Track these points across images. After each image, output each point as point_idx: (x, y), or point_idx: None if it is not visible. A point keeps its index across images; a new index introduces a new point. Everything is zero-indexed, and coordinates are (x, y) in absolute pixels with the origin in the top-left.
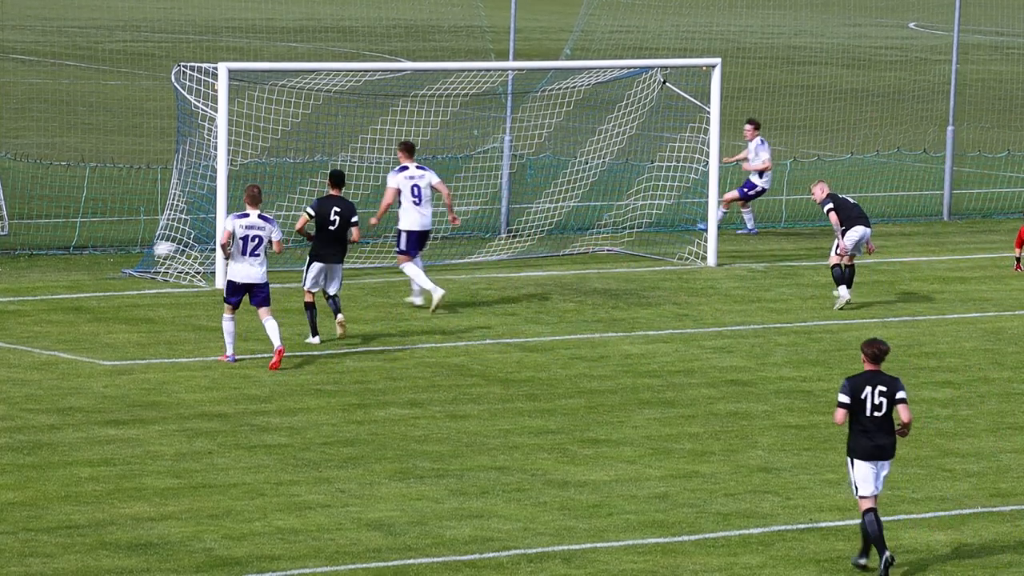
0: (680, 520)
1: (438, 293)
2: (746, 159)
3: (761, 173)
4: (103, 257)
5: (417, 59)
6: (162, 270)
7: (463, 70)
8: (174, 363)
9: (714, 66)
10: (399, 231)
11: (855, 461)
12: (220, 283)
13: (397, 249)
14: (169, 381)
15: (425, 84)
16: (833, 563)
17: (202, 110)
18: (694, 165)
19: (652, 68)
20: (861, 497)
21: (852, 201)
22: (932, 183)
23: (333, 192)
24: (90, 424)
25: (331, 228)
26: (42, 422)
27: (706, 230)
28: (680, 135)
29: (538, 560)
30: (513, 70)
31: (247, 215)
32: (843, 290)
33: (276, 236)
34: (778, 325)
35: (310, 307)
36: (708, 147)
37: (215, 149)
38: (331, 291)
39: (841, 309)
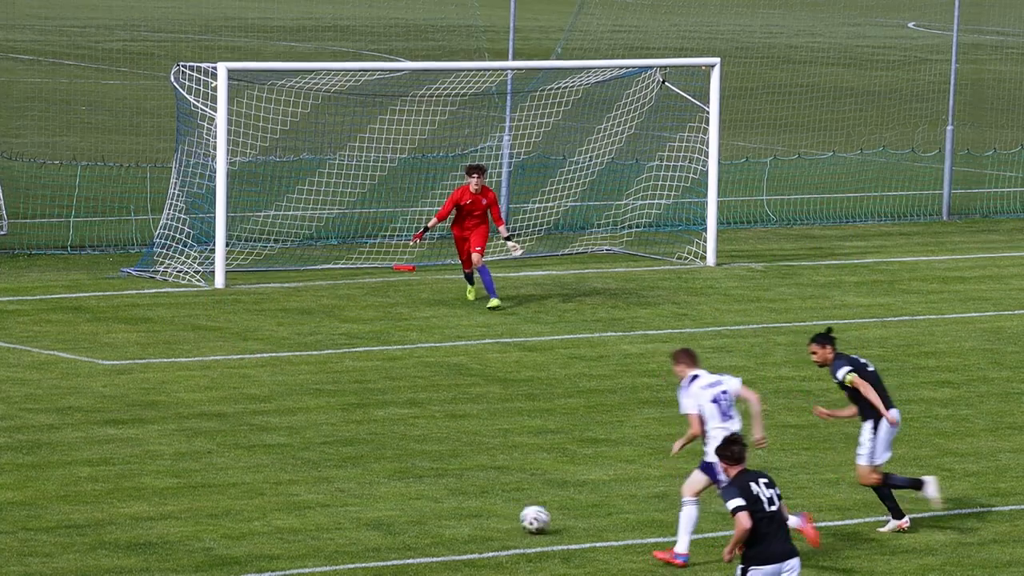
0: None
1: None
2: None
3: None
4: (102, 257)
5: (415, 58)
6: (161, 269)
7: (462, 70)
8: (173, 363)
9: (713, 66)
10: None
11: (752, 569)
12: (220, 283)
13: None
14: (168, 381)
15: (424, 84)
16: (833, 563)
17: (201, 110)
18: (693, 165)
19: (651, 68)
20: None
21: None
22: (932, 183)
23: None
24: (89, 424)
25: None
26: (41, 422)
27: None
28: (679, 135)
29: (537, 560)
30: (512, 69)
31: None
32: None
33: None
34: (777, 325)
35: None
36: (707, 147)
37: (214, 148)
38: None
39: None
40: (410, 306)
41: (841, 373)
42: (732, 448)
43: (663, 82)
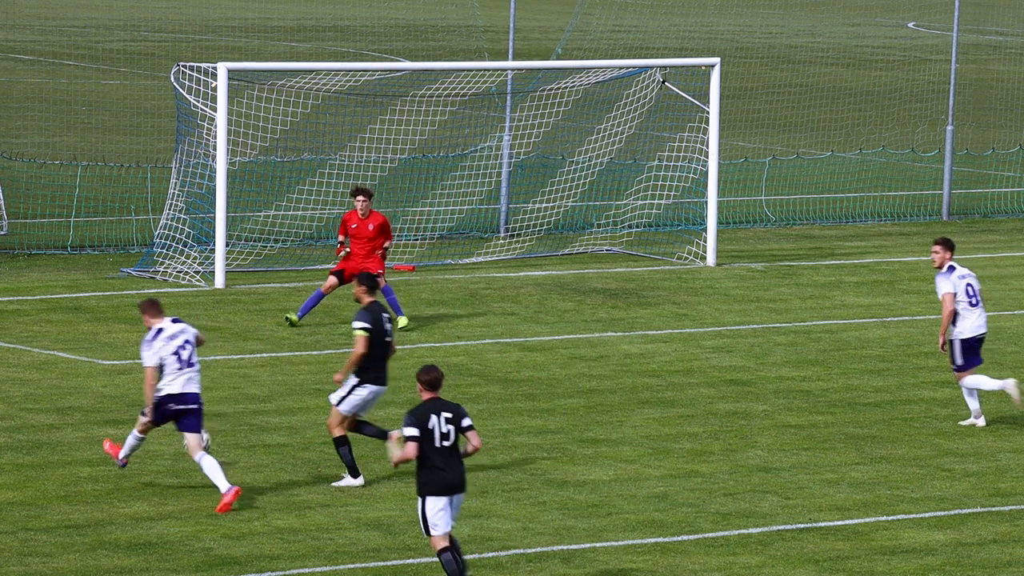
0: (679, 520)
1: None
2: None
3: None
4: (102, 256)
5: (415, 59)
6: (161, 269)
7: (462, 70)
8: None
9: (713, 66)
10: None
11: (429, 498)
12: (220, 283)
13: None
14: None
15: (424, 84)
16: (832, 563)
17: (201, 110)
18: (693, 165)
19: (651, 68)
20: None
21: None
22: (932, 183)
23: None
24: (89, 423)
25: None
26: (41, 421)
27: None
28: (679, 135)
29: (537, 560)
30: (512, 70)
31: None
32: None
33: None
34: (777, 325)
35: None
36: (707, 147)
37: (214, 149)
38: None
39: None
40: (410, 306)
41: (355, 325)
42: (431, 374)
43: (663, 82)
